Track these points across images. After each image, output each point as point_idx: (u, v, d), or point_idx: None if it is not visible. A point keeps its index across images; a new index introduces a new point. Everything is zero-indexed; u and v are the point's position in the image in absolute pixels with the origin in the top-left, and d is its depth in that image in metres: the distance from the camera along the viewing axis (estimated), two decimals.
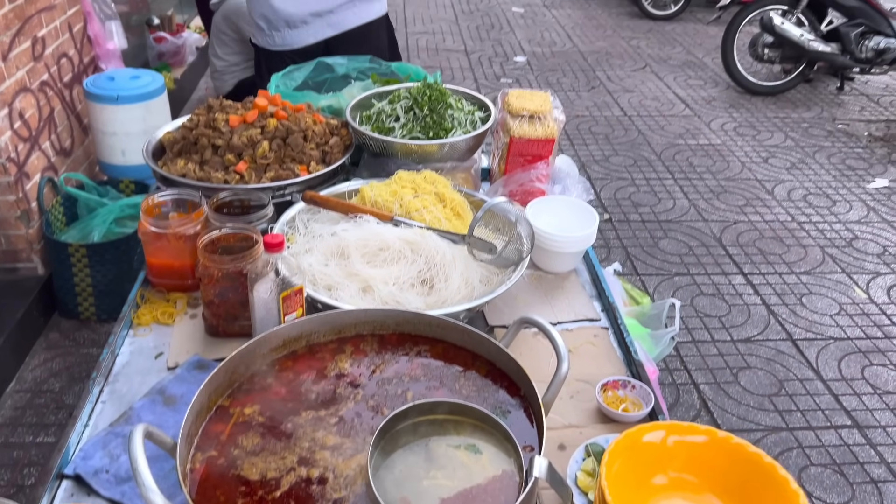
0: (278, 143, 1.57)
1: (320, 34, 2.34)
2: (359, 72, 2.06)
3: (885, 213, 3.53)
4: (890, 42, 4.55)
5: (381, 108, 1.73)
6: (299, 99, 1.81)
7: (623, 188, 3.74)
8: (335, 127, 1.69)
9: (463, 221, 1.47)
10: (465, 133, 1.66)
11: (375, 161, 1.70)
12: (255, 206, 1.45)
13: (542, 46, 5.81)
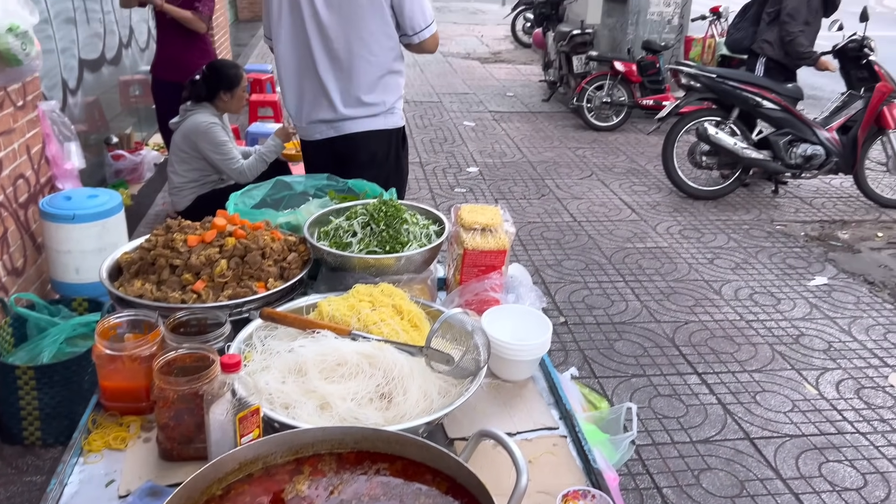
0: (236, 262, 1.59)
1: (325, 135, 2.71)
2: (317, 189, 2.13)
3: (827, 310, 3.68)
4: (816, 149, 4.88)
5: (339, 223, 1.79)
6: (258, 217, 1.85)
7: (577, 291, 3.83)
8: (293, 243, 1.73)
9: (420, 333, 1.49)
10: (420, 246, 1.72)
11: (333, 275, 1.74)
12: (212, 325, 1.45)
13: (494, 157, 6.05)
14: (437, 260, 1.91)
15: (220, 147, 3.45)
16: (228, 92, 3.53)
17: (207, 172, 3.60)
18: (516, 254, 4.23)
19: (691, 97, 5.05)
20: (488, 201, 5.08)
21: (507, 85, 8.78)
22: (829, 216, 4.92)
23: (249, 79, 6.70)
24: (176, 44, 4.12)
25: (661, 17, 7.12)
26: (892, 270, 4.13)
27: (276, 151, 3.61)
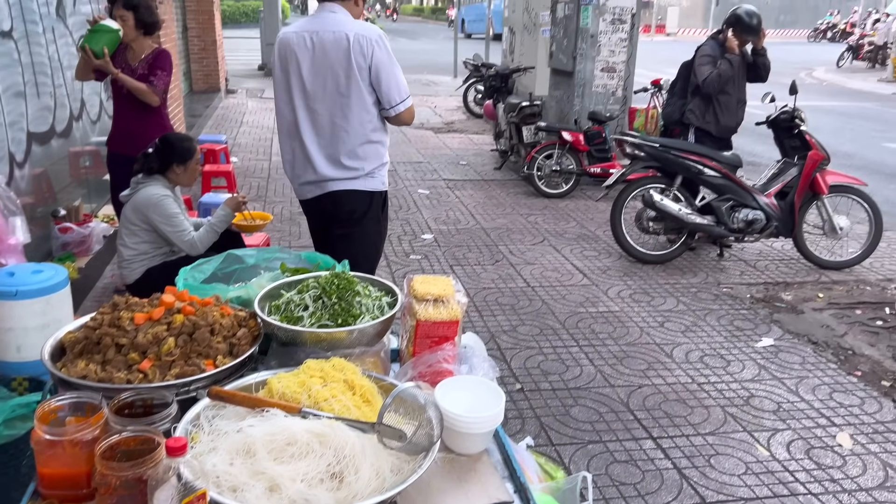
0: (184, 339, 1.57)
1: (313, 194, 3.05)
2: (268, 262, 2.13)
3: (775, 371, 3.76)
4: (756, 214, 5.09)
5: (290, 297, 1.78)
6: (207, 292, 1.84)
7: (532, 357, 3.84)
8: (243, 318, 1.71)
9: (373, 408, 1.48)
10: (373, 319, 1.72)
11: (284, 350, 1.72)
12: (158, 406, 1.42)
13: (448, 224, 6.13)
14: (390, 331, 1.91)
15: (171, 219, 3.43)
16: (181, 165, 3.53)
17: (158, 245, 3.56)
18: (472, 320, 4.24)
19: (636, 165, 5.24)
20: (443, 268, 5.12)
21: (460, 154, 8.97)
22: (772, 278, 5.09)
23: (203, 150, 6.71)
24: (132, 117, 4.12)
25: (605, 90, 7.44)
26: (833, 330, 4.26)
27: (226, 221, 3.60)
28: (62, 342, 1.63)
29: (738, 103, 5.39)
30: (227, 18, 29.80)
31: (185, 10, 11.40)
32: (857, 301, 4.72)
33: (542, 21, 9.47)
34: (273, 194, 6.79)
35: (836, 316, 4.48)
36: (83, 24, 5.21)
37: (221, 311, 1.68)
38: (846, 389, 3.61)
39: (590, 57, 7.31)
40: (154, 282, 3.45)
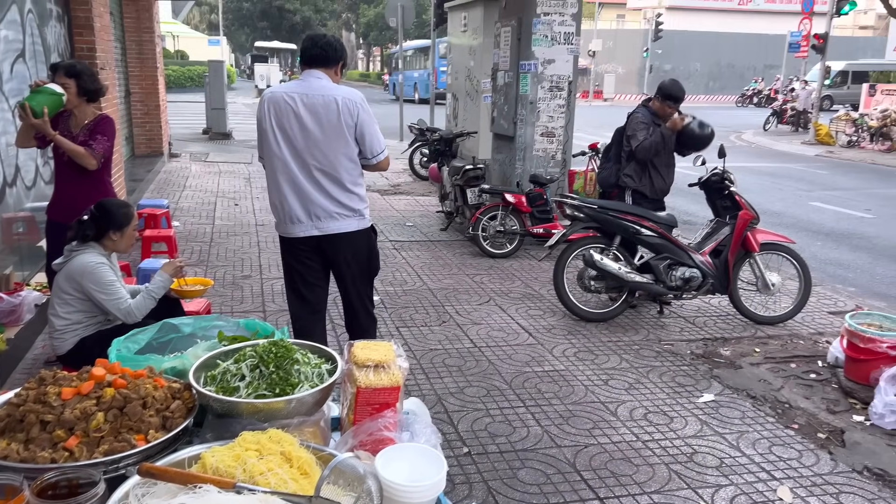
0: (115, 414, 1.52)
1: (309, 233, 3.49)
2: (205, 330, 2.09)
3: (716, 426, 3.83)
4: (693, 272, 5.25)
5: (227, 367, 1.75)
6: (141, 363, 1.79)
7: (479, 419, 3.82)
8: (177, 390, 1.67)
9: (311, 480, 1.45)
10: (312, 387, 1.70)
11: (220, 422, 1.68)
12: (84, 486, 1.36)
13: (395, 286, 6.12)
14: (331, 399, 1.88)
15: (106, 287, 3.34)
16: (118, 231, 3.47)
17: (92, 314, 3.46)
18: (418, 383, 4.21)
19: (577, 226, 5.38)
20: (390, 330, 5.09)
21: (406, 215, 9.04)
22: (711, 334, 5.22)
23: (144, 214, 6.61)
24: (73, 186, 4.04)
25: (545, 153, 7.67)
26: (770, 384, 4.38)
27: (163, 287, 3.53)
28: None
29: (668, 167, 5.62)
30: (172, 83, 29.80)
31: (128, 75, 11.37)
32: (791, 355, 4.87)
33: (483, 88, 9.79)
34: (216, 259, 6.69)
35: (772, 370, 4.61)
36: (20, 90, 5.15)
37: (155, 384, 1.64)
38: (784, 443, 3.69)
39: (530, 122, 7.56)
40: (87, 353, 3.33)
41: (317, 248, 3.55)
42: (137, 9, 11.37)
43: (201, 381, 1.72)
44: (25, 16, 5.39)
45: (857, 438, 3.72)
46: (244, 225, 8.08)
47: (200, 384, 1.69)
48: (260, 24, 50.45)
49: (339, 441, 1.75)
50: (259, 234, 7.68)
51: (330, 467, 1.35)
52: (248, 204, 9.26)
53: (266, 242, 7.32)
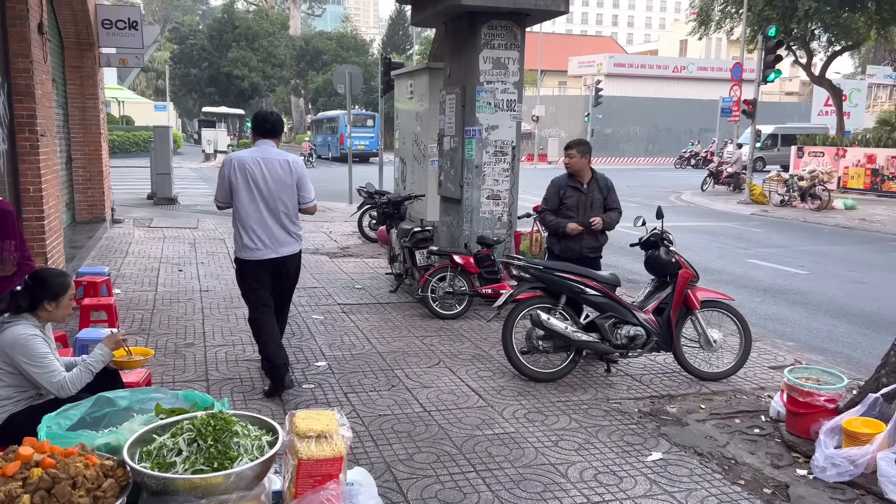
0: (42, 495, 1.45)
1: (269, 255, 4.85)
2: (142, 403, 2.03)
3: (666, 485, 3.85)
4: (637, 330, 5.35)
5: (163, 441, 1.70)
6: (73, 440, 1.73)
7: (429, 486, 3.75)
8: (110, 468, 1.61)
9: None
10: (251, 460, 1.66)
11: (156, 500, 1.62)
12: None
13: (343, 350, 6.05)
14: (273, 472, 1.84)
15: (38, 360, 3.21)
16: (53, 301, 3.37)
17: (23, 388, 3.30)
18: (366, 450, 4.13)
19: (523, 286, 5.45)
20: (337, 396, 5.01)
21: (355, 278, 9.01)
22: (657, 391, 5.29)
23: (83, 282, 6.43)
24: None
25: (492, 215, 7.81)
26: (716, 441, 4.44)
27: (102, 361, 3.41)
28: None
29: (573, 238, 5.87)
30: (117, 148, 29.48)
31: (70, 141, 11.22)
32: (735, 410, 4.96)
33: (430, 152, 9.97)
34: (157, 326, 6.51)
35: (717, 426, 4.67)
36: None
37: (86, 462, 1.58)
38: (731, 499, 3.72)
39: (476, 185, 7.71)
40: (17, 430, 3.16)
41: (270, 265, 4.89)
42: (81, 76, 11.31)
43: (136, 457, 1.66)
44: None
45: (802, 492, 3.78)
46: (188, 291, 7.92)
47: (135, 460, 1.64)
48: (208, 90, 50.60)
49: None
50: (203, 299, 7.53)
51: None
52: (193, 269, 9.10)
53: (210, 308, 7.18)
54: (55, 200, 7.41)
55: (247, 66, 47.33)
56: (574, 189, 5.87)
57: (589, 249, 5.88)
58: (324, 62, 53.50)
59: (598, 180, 5.94)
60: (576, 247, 5.85)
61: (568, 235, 5.83)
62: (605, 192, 5.90)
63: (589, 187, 5.89)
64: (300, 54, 55.58)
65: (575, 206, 5.85)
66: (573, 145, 5.92)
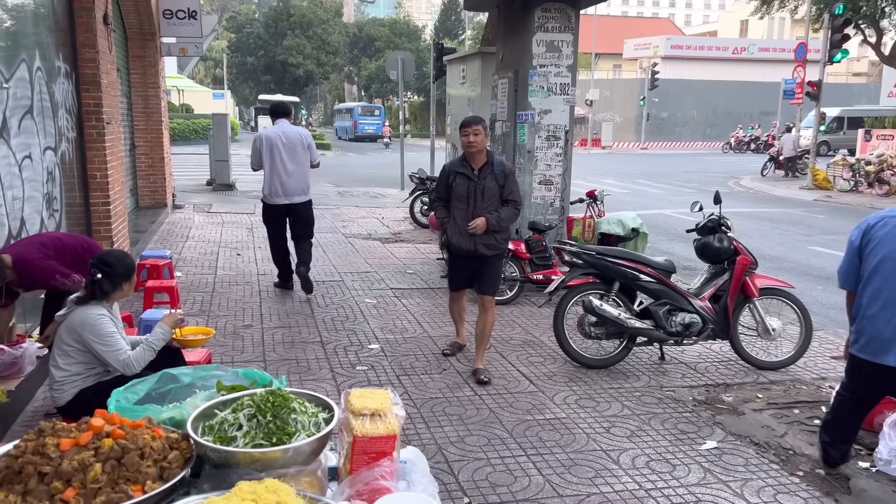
0: (112, 464, 1.53)
1: (284, 202, 6.93)
2: (204, 380, 2.11)
3: (720, 474, 3.79)
4: (693, 317, 5.26)
5: (224, 417, 1.76)
6: (140, 413, 1.81)
7: (480, 468, 3.79)
8: (175, 441, 1.68)
9: None
10: (308, 436, 1.71)
11: (218, 472, 1.69)
12: None
13: (395, 333, 6.13)
14: (328, 448, 1.89)
15: (106, 339, 3.36)
16: (128, 281, 3.55)
17: (92, 365, 3.47)
18: (418, 432, 4.18)
19: (576, 272, 5.41)
20: (390, 378, 5.08)
21: (407, 263, 9.09)
22: (712, 380, 5.20)
23: (147, 265, 6.67)
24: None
25: (543, 201, 7.75)
26: (774, 431, 4.34)
27: (163, 339, 3.55)
28: None
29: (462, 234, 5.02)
30: (177, 135, 30.26)
31: (133, 129, 11.59)
32: (794, 400, 4.84)
33: None
34: (217, 308, 6.71)
35: (775, 416, 4.57)
36: (27, 145, 5.27)
37: (153, 434, 1.65)
38: (789, 490, 3.64)
39: (528, 171, 7.66)
40: (87, 404, 3.33)
41: (285, 209, 7.03)
42: (144, 65, 11.64)
43: (199, 431, 1.73)
44: (34, 73, 5.53)
45: (863, 485, 3.67)
46: (246, 275, 8.12)
47: (198, 434, 1.70)
48: (263, 78, 51.49)
49: (336, 491, 1.75)
50: (261, 283, 7.71)
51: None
52: (251, 254, 9.32)
53: (267, 292, 7.35)
54: (120, 186, 7.67)
55: (301, 53, 47.99)
56: (464, 176, 4.99)
57: (485, 246, 5.01)
58: (376, 49, 53.79)
59: (494, 165, 4.99)
60: (467, 244, 5.01)
61: (458, 231, 5.02)
62: (500, 179, 4.97)
63: (481, 174, 4.97)
64: (353, 41, 56.01)
65: (465, 195, 4.97)
66: (476, 121, 4.92)
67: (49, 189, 5.87)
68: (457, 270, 5.36)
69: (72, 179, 6.60)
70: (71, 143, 6.57)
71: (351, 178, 19.93)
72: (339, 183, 18.51)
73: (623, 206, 12.37)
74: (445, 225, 5.17)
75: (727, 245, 5.38)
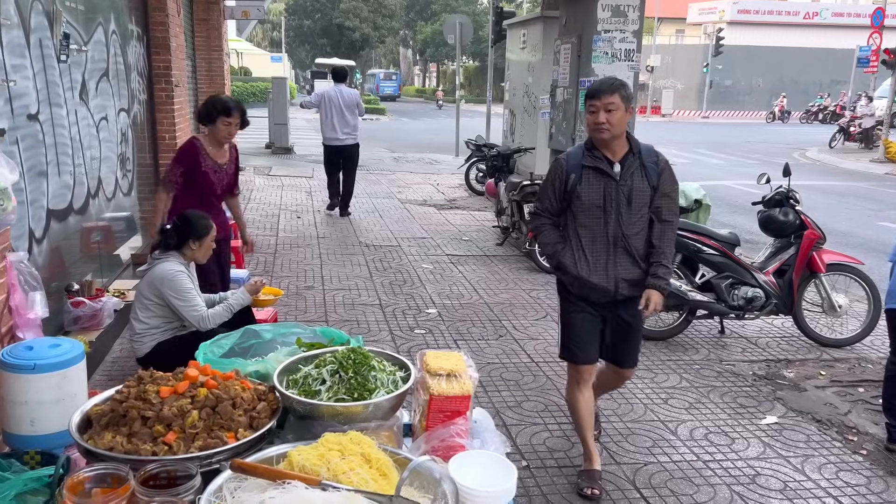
0: (207, 412, 1.63)
1: (336, 143, 9.33)
2: (284, 337, 2.20)
3: (780, 449, 3.76)
4: (756, 291, 5.17)
5: (308, 372, 1.85)
6: (227, 366, 1.91)
7: (538, 433, 3.85)
8: (262, 392, 1.78)
9: (389, 481, 1.53)
10: (387, 393, 1.78)
11: (301, 423, 1.78)
12: (182, 478, 1.47)
13: (452, 299, 6.20)
14: (402, 407, 1.96)
15: (183, 294, 3.51)
16: (197, 241, 3.66)
17: (169, 319, 3.64)
18: (476, 395, 4.24)
19: None
20: (447, 342, 5.16)
21: (462, 230, 9.13)
22: (773, 356, 5.12)
23: None
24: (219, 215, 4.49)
25: None
26: (837, 408, 4.27)
27: (242, 304, 3.71)
28: (88, 415, 1.69)
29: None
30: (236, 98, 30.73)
31: (197, 92, 11.82)
32: (859, 379, 4.74)
33: (541, 104, 9.83)
34: (280, 269, 6.89)
35: (838, 394, 4.50)
36: (103, 107, 5.45)
37: (242, 385, 1.74)
38: (852, 468, 3.60)
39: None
40: (164, 356, 3.51)
41: (337, 149, 9.30)
42: (208, 28, 11.82)
43: (283, 385, 1.82)
44: (109, 36, 5.70)
45: None
46: (306, 237, 8.30)
47: (283, 387, 1.79)
48: (320, 41, 51.64)
49: (412, 446, 1.82)
50: (321, 246, 7.87)
51: (409, 469, 1.43)
52: (310, 217, 9.50)
53: (327, 254, 7.50)
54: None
55: (358, 16, 47.88)
56: (597, 174, 3.11)
57: (629, 284, 3.18)
58: (433, 12, 53.25)
59: (643, 156, 3.15)
60: (603, 279, 3.16)
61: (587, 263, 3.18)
62: (653, 177, 3.13)
63: (624, 169, 3.11)
64: (410, 4, 55.54)
65: (599, 203, 3.11)
66: (613, 87, 3.02)
67: (123, 150, 6.08)
68: (583, 327, 3.28)
69: (142, 141, 6.82)
70: (142, 106, 6.77)
71: (405, 143, 19.96)
72: (393, 148, 18.58)
73: (684, 176, 12.06)
74: (558, 255, 3.22)
75: (792, 219, 5.24)
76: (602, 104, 3.00)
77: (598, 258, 3.15)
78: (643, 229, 3.16)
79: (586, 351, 3.29)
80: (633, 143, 3.17)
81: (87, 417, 1.68)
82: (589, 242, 3.16)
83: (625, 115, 3.03)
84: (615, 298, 3.20)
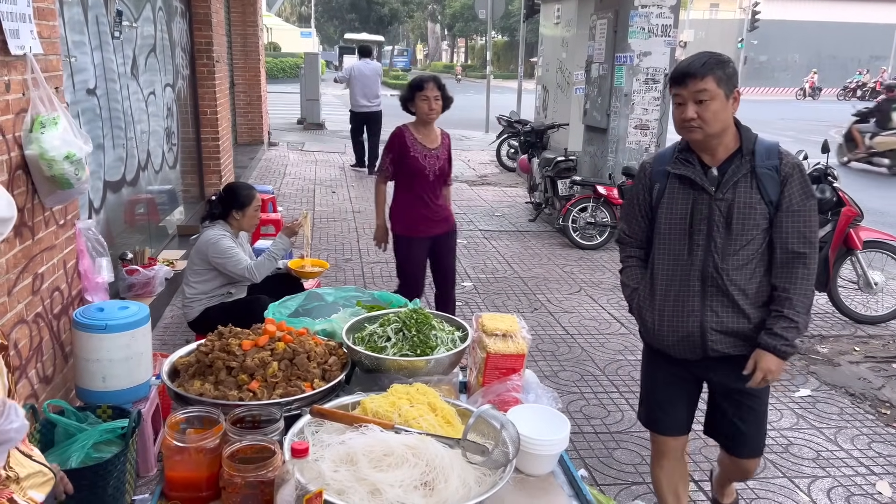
0: (286, 364, 1.77)
1: (361, 109, 10.93)
2: (345, 300, 2.34)
3: (813, 420, 3.84)
4: None
5: (373, 330, 1.98)
6: (297, 325, 2.05)
7: (574, 402, 3.97)
8: (332, 348, 1.91)
9: (453, 428, 1.66)
10: (447, 350, 1.91)
11: (367, 377, 1.92)
12: (265, 421, 1.61)
13: (486, 273, 6.32)
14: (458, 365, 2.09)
15: (225, 252, 3.67)
16: (240, 210, 3.80)
17: (217, 284, 3.80)
18: None
19: None
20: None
21: (494, 206, 9.22)
22: (808, 331, 5.16)
23: None
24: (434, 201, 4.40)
25: (638, 146, 7.67)
26: (871, 383, 4.33)
27: (283, 248, 3.86)
28: (175, 365, 1.84)
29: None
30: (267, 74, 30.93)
31: (233, 67, 11.98)
32: (893, 355, 4.78)
33: (575, 80, 9.82)
34: (318, 242, 7.06)
35: (872, 369, 4.54)
36: (151, 82, 5.61)
37: (314, 341, 1.88)
38: (885, 440, 3.67)
39: (623, 115, 7.58)
40: (212, 321, 3.68)
41: (364, 115, 10.92)
42: (243, 3, 11.95)
43: (351, 342, 1.95)
44: (157, 12, 5.85)
45: None
46: (342, 212, 8.46)
47: (351, 343, 1.93)
48: (349, 16, 51.57)
49: (470, 399, 1.95)
50: (356, 220, 8.02)
51: (475, 416, 1.55)
52: (345, 192, 9.65)
53: (363, 228, 7.65)
54: (227, 122, 8.06)
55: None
56: (686, 184, 2.31)
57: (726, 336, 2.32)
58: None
59: (757, 157, 2.25)
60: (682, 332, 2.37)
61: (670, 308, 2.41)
62: (770, 189, 2.22)
63: (725, 178, 2.26)
64: None
65: (685, 224, 2.31)
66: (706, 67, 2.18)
67: (168, 124, 6.25)
68: (662, 389, 2.58)
69: (185, 115, 6.99)
70: (185, 81, 6.93)
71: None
72: None
73: None
74: (633, 299, 2.54)
75: (829, 196, 5.25)
76: (689, 93, 2.16)
77: (679, 300, 2.32)
78: (753, 262, 2.24)
79: (663, 419, 2.54)
80: (744, 140, 2.25)
81: (174, 368, 1.83)
82: (665, 278, 2.35)
83: (725, 104, 2.18)
84: (706, 356, 2.34)
